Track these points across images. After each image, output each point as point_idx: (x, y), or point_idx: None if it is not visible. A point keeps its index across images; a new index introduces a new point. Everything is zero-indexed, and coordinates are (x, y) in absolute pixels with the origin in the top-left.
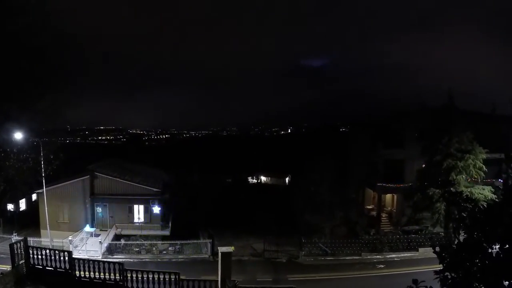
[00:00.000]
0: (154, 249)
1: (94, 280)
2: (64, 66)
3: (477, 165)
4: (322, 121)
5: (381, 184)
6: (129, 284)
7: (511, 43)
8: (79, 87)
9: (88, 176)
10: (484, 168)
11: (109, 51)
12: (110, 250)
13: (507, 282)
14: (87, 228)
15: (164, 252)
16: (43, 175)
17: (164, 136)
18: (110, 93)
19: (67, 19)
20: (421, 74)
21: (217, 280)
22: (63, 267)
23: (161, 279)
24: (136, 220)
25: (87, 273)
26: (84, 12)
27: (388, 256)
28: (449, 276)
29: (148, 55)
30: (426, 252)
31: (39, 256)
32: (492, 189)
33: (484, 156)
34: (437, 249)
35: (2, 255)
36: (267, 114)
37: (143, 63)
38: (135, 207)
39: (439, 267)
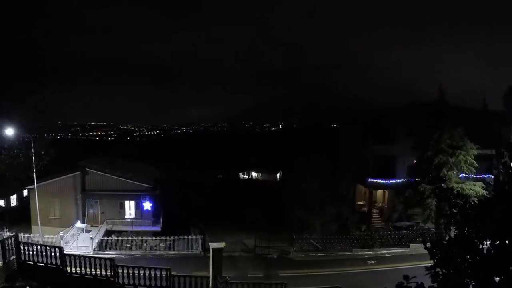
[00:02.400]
0: (145, 245)
1: (85, 276)
2: (56, 62)
3: (468, 161)
4: (313, 117)
5: (372, 180)
6: (120, 280)
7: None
8: (70, 83)
9: (79, 172)
10: (475, 164)
11: (100, 48)
12: (101, 246)
13: (497, 278)
14: (78, 224)
15: (155, 248)
16: (34, 171)
17: (155, 132)
18: (102, 88)
19: (58, 16)
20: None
21: (208, 276)
22: (54, 263)
23: (152, 275)
24: (127, 216)
25: (78, 269)
26: (74, 8)
27: (379, 252)
28: (440, 272)
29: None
30: (417, 248)
31: (30, 252)
32: (483, 185)
33: (475, 152)
34: (428, 245)
35: None
36: (258, 110)
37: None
38: (126, 203)
39: (430, 263)
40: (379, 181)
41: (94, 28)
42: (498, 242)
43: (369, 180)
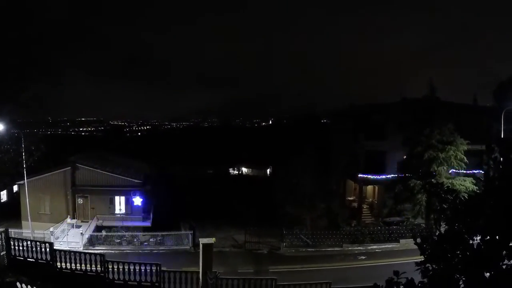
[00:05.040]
0: (135, 240)
1: (75, 272)
2: (45, 56)
3: (458, 157)
4: (304, 112)
5: (362, 176)
6: (110, 276)
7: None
8: (60, 78)
9: (70, 167)
10: (465, 160)
11: (90, 40)
12: (91, 241)
13: (488, 274)
14: (68, 220)
15: (146, 243)
16: (24, 166)
17: (145, 128)
18: (92, 83)
19: (47, 7)
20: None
21: (198, 272)
22: (44, 259)
23: (142, 270)
24: (117, 211)
25: (68, 264)
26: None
27: (369, 248)
28: (430, 268)
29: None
30: (407, 243)
31: (20, 248)
32: (473, 180)
33: (465, 147)
34: (418, 240)
35: None
36: (248, 105)
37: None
38: (116, 198)
39: (420, 258)
40: (369, 176)
41: (85, 22)
42: (488, 237)
43: (359, 175)
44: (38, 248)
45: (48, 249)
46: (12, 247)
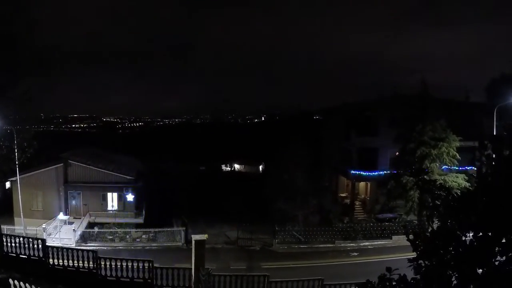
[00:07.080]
0: (127, 237)
1: (68, 268)
2: (37, 52)
3: (451, 153)
4: (296, 108)
5: (354, 172)
6: (103, 272)
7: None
8: (53, 74)
9: (62, 164)
10: (458, 156)
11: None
12: (84, 238)
13: (480, 270)
14: (61, 216)
15: (138, 240)
16: (16, 163)
17: (137, 124)
18: (85, 80)
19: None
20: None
21: (191, 268)
22: (36, 255)
23: (135, 266)
24: (109, 208)
25: (60, 261)
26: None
27: (361, 244)
28: (423, 264)
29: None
30: (400, 240)
31: (13, 244)
32: (466, 177)
33: (458, 144)
34: (411, 237)
35: None
36: (241, 101)
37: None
38: (109, 195)
39: (413, 255)
40: (361, 173)
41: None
42: (480, 234)
43: (352, 172)
44: (31, 245)
45: (40, 246)
46: (5, 243)
